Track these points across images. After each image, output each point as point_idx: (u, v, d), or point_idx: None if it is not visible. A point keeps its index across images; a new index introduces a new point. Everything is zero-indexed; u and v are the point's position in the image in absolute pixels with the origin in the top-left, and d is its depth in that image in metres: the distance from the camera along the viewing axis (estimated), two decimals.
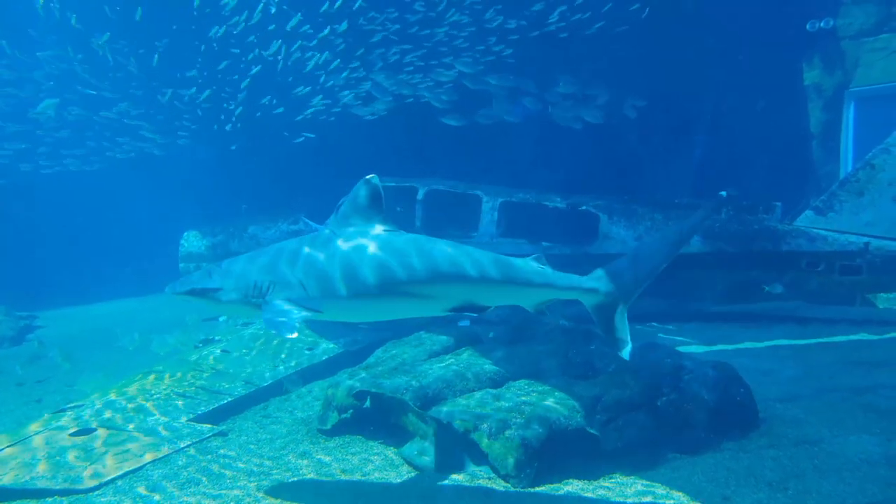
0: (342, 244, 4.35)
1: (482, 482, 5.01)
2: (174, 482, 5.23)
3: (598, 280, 4.46)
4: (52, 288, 14.23)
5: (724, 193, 12.55)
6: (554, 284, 4.48)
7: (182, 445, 5.95)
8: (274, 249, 4.57)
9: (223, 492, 5.03)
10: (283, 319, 4.11)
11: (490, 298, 4.44)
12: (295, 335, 4.04)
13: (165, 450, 5.83)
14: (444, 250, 4.34)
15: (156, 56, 11.72)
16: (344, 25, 12.01)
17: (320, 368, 7.98)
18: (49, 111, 11.82)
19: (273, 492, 4.99)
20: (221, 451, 5.90)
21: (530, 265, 4.51)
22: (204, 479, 5.28)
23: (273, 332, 4.32)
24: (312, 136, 12.85)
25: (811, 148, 14.27)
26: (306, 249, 4.39)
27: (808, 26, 13.76)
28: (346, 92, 12.74)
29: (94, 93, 12.29)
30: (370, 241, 4.34)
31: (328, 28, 11.92)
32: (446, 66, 12.49)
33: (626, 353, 4.47)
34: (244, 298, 4.37)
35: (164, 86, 12.26)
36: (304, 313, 4.22)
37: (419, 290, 4.30)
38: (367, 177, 4.48)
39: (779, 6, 13.41)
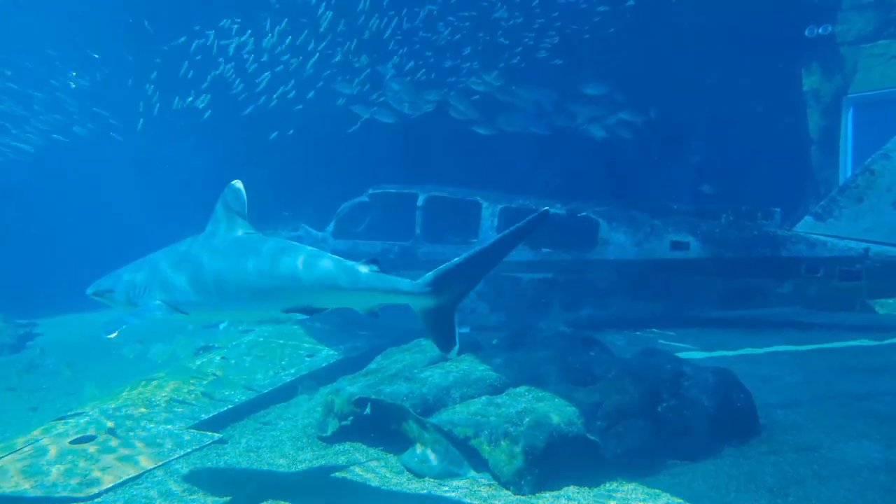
0: (201, 247, 4.73)
1: (483, 489, 5.01)
2: (174, 490, 5.22)
3: (428, 285, 4.42)
4: (51, 295, 14.23)
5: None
6: (386, 289, 4.48)
7: (182, 453, 5.94)
8: (161, 253, 4.93)
9: (223, 499, 5.02)
10: (131, 318, 4.57)
11: (325, 301, 4.57)
12: (113, 335, 4.41)
13: (165, 457, 5.82)
14: (285, 254, 4.53)
15: None
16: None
17: (320, 375, 7.97)
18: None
19: (273, 499, 4.98)
20: (221, 459, 5.89)
21: (364, 271, 4.52)
22: (203, 487, 5.27)
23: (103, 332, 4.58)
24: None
25: (810, 154, 14.28)
26: (177, 252, 4.80)
27: (806, 32, 13.78)
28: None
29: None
30: (223, 244, 4.69)
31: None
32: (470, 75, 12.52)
33: (453, 353, 4.48)
34: (128, 299, 4.77)
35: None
36: (160, 313, 4.61)
37: (257, 291, 4.51)
38: (232, 182, 4.79)
39: (777, 12, 13.44)
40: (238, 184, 4.77)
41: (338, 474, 5.44)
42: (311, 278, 4.43)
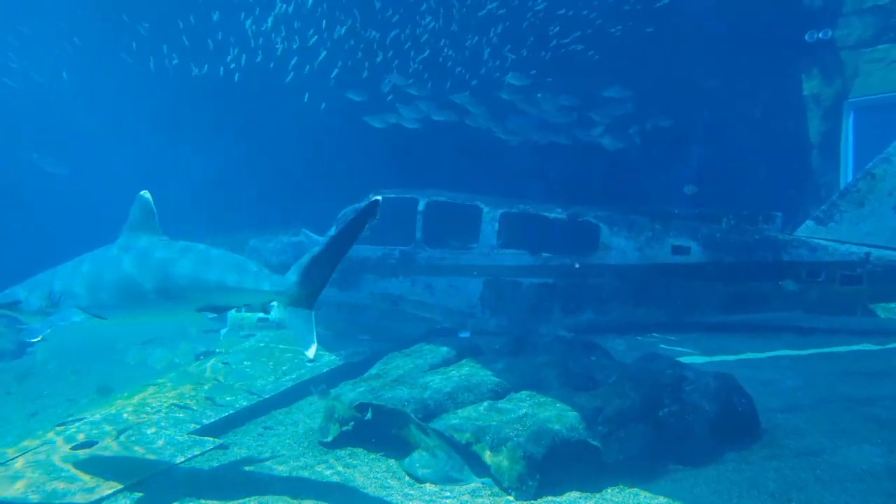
0: (114, 254, 5.03)
1: (484, 495, 5.00)
2: (174, 496, 5.21)
3: (293, 279, 4.78)
4: None
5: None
6: (259, 289, 4.83)
7: (182, 458, 5.93)
8: (76, 261, 5.15)
9: None
10: (53, 322, 4.80)
11: (229, 300, 4.92)
12: (38, 339, 4.83)
13: (166, 463, 5.81)
14: (192, 257, 4.83)
15: None
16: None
17: (322, 380, 7.97)
18: None
19: None
20: (222, 465, 5.88)
21: (262, 269, 4.93)
22: (204, 493, 5.26)
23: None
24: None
25: (810, 158, 14.28)
26: (92, 260, 5.05)
27: (806, 37, 13.80)
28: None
29: None
30: (135, 250, 4.96)
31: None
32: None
33: (311, 351, 4.80)
34: (42, 308, 5.01)
35: None
36: (78, 318, 4.85)
37: (168, 293, 4.81)
38: (141, 192, 5.05)
39: (777, 17, 13.46)
40: (146, 194, 5.08)
41: (339, 480, 5.43)
42: (212, 279, 4.76)
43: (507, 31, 13.18)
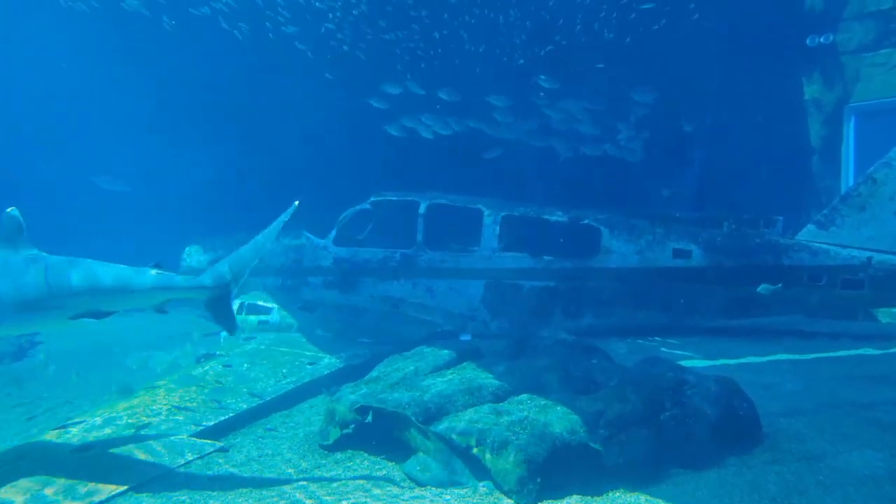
0: None
1: (485, 498, 4.99)
2: (175, 500, 5.20)
3: (207, 279, 5.63)
4: None
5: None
6: (170, 287, 5.52)
7: (183, 462, 5.92)
8: None
9: None
10: None
11: (109, 305, 5.35)
12: None
13: (166, 466, 5.80)
14: (65, 268, 5.21)
15: None
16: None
17: (322, 383, 7.97)
18: None
19: None
20: (223, 468, 5.87)
21: (148, 272, 5.47)
22: (205, 496, 5.25)
23: None
24: None
25: (811, 163, 14.28)
26: None
27: (807, 41, 13.81)
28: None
29: None
30: (4, 265, 5.15)
31: None
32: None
33: (231, 330, 5.91)
34: None
35: None
36: None
37: (39, 304, 5.13)
38: (7, 210, 5.29)
39: (778, 21, 13.47)
40: (13, 210, 5.32)
41: (339, 483, 5.42)
42: (95, 286, 5.20)
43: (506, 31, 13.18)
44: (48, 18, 14.16)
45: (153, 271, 5.47)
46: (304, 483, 5.46)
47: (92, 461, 5.81)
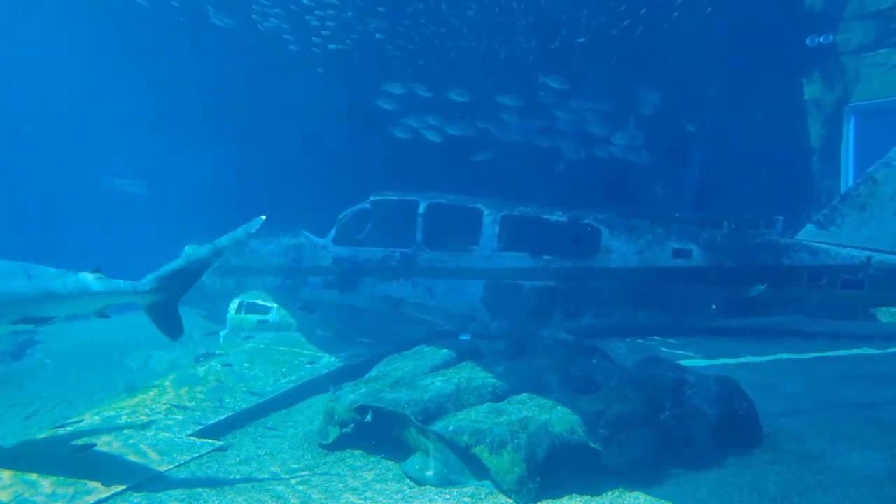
0: None
1: (485, 497, 4.98)
2: (173, 499, 5.19)
3: (150, 284, 5.46)
4: None
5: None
6: (113, 292, 5.42)
7: (182, 461, 5.91)
8: None
9: None
10: None
11: (50, 310, 5.36)
12: None
13: (165, 466, 5.79)
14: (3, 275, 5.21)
15: None
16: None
17: (322, 382, 7.96)
18: None
19: None
20: (222, 467, 5.86)
21: (88, 277, 5.40)
22: (203, 495, 5.24)
23: None
24: None
25: (811, 163, 14.27)
26: None
27: (807, 41, 13.80)
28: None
29: None
30: None
31: None
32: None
33: (174, 337, 5.71)
34: None
35: None
36: None
37: None
38: None
39: (778, 21, 13.47)
40: None
41: (338, 482, 5.41)
42: (32, 292, 5.16)
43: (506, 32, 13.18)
44: (48, 18, 14.15)
45: (91, 276, 5.40)
46: (303, 482, 5.46)
47: (90, 460, 5.80)
